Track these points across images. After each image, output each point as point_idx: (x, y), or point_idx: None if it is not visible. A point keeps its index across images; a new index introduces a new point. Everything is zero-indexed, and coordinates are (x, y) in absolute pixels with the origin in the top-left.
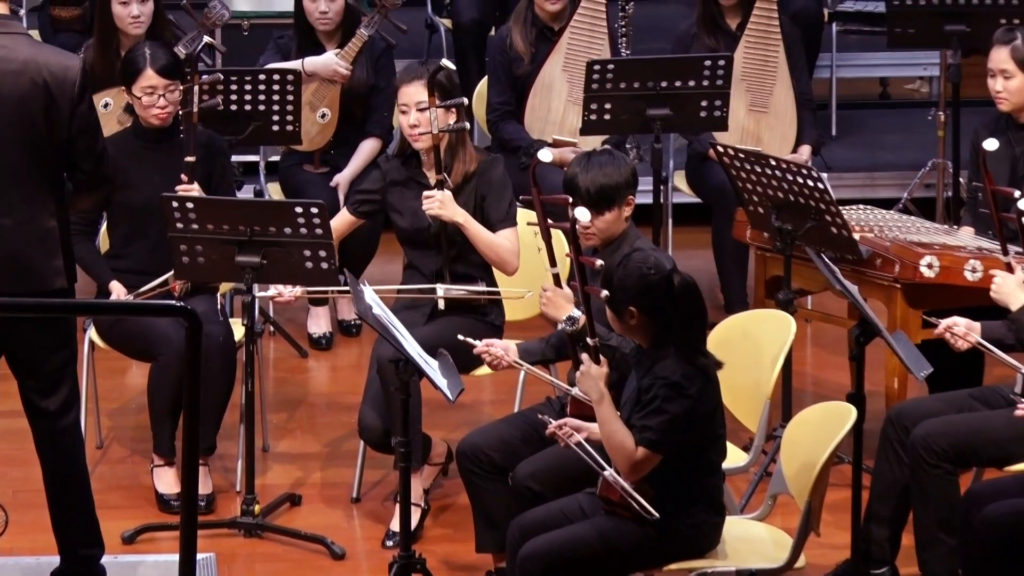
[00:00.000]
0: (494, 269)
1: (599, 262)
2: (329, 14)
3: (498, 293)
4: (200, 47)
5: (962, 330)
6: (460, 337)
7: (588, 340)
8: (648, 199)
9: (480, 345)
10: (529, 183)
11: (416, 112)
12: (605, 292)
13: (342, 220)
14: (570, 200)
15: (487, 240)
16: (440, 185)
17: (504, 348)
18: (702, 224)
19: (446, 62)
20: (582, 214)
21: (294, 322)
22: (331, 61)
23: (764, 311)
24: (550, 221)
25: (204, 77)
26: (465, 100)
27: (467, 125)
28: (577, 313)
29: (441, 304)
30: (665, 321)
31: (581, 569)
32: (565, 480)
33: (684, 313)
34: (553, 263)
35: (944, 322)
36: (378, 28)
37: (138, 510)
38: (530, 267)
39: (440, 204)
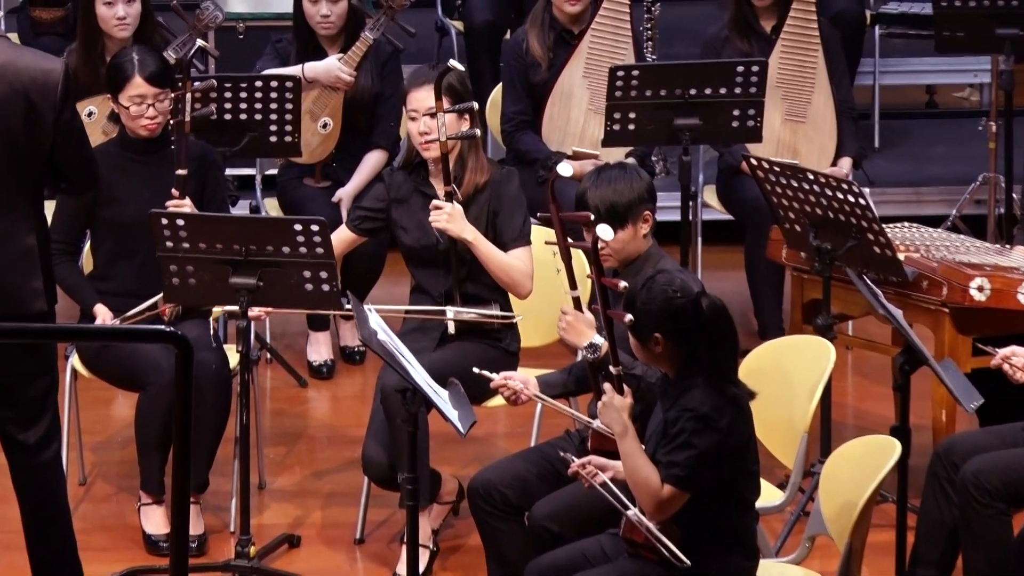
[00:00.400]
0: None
1: (623, 284)
2: (331, 17)
3: (509, 317)
4: (192, 52)
5: (1022, 361)
6: (476, 371)
7: (611, 369)
8: (676, 216)
9: (497, 378)
10: (547, 198)
11: (426, 118)
12: (629, 316)
13: (341, 238)
14: (591, 217)
15: (498, 260)
16: (449, 197)
17: (523, 381)
18: (734, 243)
19: (455, 63)
20: (604, 232)
21: (293, 349)
22: (333, 67)
23: (801, 337)
24: (570, 240)
25: (196, 84)
26: (475, 105)
27: (478, 132)
28: (599, 339)
29: (451, 328)
30: (692, 348)
31: None
32: (586, 520)
33: (713, 339)
34: (573, 285)
35: (1002, 352)
36: (384, 31)
37: (124, 552)
38: (548, 289)
39: (448, 217)
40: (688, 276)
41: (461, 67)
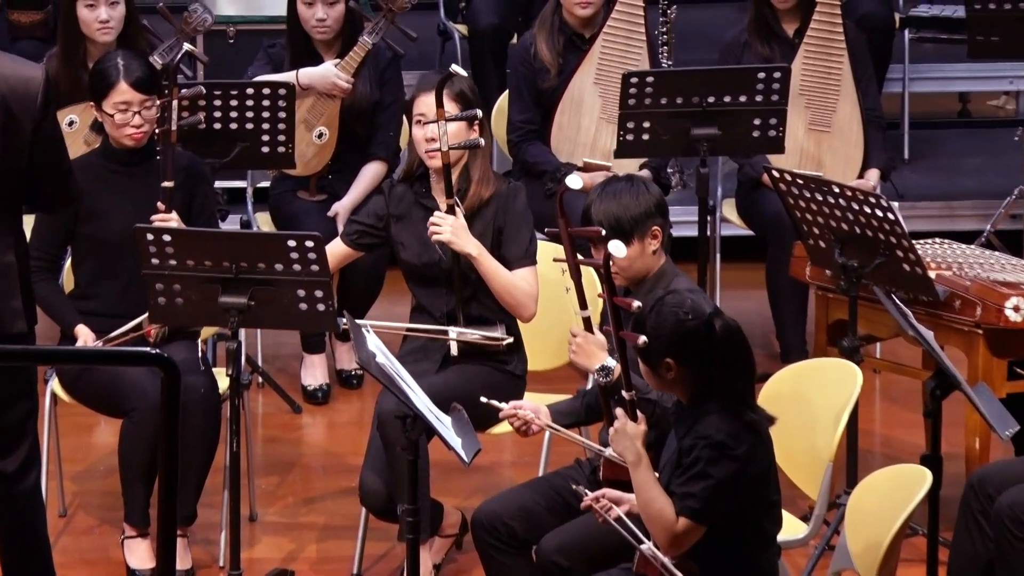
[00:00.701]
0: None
1: (636, 304)
2: (327, 21)
3: (498, 339)
4: (179, 57)
5: None
6: (483, 400)
7: (623, 393)
8: (693, 231)
9: (506, 408)
10: (555, 213)
11: (434, 124)
12: (643, 338)
13: (335, 252)
14: (603, 232)
15: (502, 279)
16: (451, 210)
17: (534, 410)
18: (755, 260)
19: (457, 68)
20: (617, 248)
21: (286, 372)
22: (330, 73)
23: (826, 360)
24: (580, 257)
25: (184, 91)
26: (479, 112)
27: (482, 142)
28: (611, 362)
29: (454, 349)
30: (706, 372)
31: None
32: (597, 554)
33: (728, 363)
34: (583, 305)
35: None
36: (383, 35)
37: None
38: (557, 309)
39: (451, 230)
40: (700, 296)
41: (464, 72)
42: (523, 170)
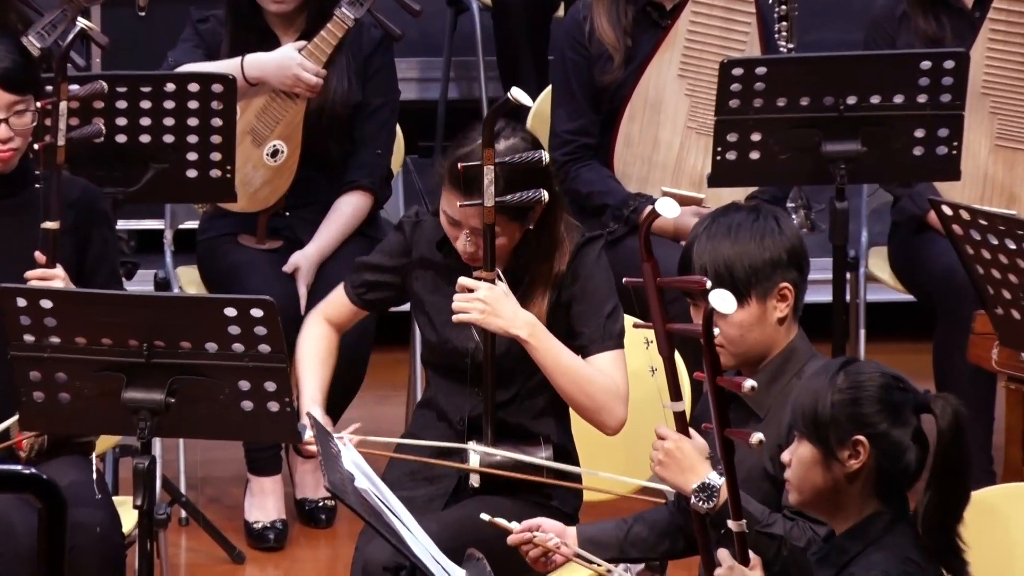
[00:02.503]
0: (575, 417)
1: (749, 383)
2: None
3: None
4: (69, 38)
5: None
6: (485, 517)
7: (730, 524)
8: (825, 295)
9: (517, 529)
10: (639, 254)
11: (469, 232)
12: (758, 436)
13: (337, 312)
14: (707, 284)
15: (573, 372)
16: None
17: (558, 534)
18: (916, 337)
19: (520, 94)
20: (722, 301)
21: (222, 503)
22: (290, 62)
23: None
24: (673, 324)
25: (75, 88)
26: (545, 195)
27: (545, 195)
28: (716, 478)
29: (475, 479)
30: (908, 472)
31: None
32: None
33: (949, 464)
34: (677, 394)
35: None
36: (370, 8)
37: None
38: (634, 400)
39: (485, 308)
40: None
41: (528, 100)
42: (573, 203)
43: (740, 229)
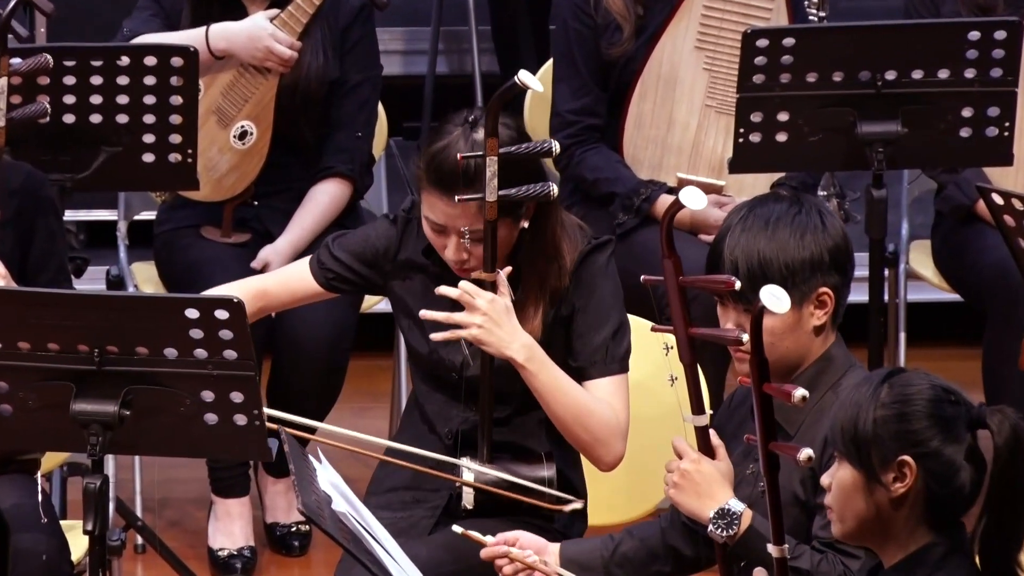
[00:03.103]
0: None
1: (799, 392)
2: None
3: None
4: (11, 6)
5: None
6: (458, 529)
7: (770, 548)
8: (860, 294)
9: (491, 542)
10: (660, 250)
11: (459, 238)
12: (807, 452)
13: (291, 286)
14: (736, 283)
15: (570, 401)
16: (490, 283)
17: (538, 550)
18: (964, 342)
19: (527, 77)
20: (775, 299)
21: (183, 528)
22: (260, 32)
23: None
24: (697, 328)
25: (17, 62)
26: (554, 189)
27: (554, 189)
28: (736, 504)
29: (468, 500)
30: (961, 498)
31: None
32: None
33: (1007, 485)
34: (700, 407)
35: None
36: None
37: None
38: (648, 414)
39: (485, 322)
40: None
41: (538, 84)
42: (577, 190)
43: (779, 223)
